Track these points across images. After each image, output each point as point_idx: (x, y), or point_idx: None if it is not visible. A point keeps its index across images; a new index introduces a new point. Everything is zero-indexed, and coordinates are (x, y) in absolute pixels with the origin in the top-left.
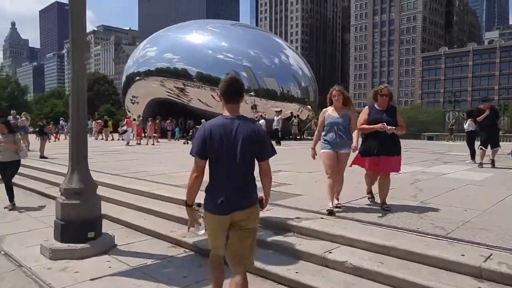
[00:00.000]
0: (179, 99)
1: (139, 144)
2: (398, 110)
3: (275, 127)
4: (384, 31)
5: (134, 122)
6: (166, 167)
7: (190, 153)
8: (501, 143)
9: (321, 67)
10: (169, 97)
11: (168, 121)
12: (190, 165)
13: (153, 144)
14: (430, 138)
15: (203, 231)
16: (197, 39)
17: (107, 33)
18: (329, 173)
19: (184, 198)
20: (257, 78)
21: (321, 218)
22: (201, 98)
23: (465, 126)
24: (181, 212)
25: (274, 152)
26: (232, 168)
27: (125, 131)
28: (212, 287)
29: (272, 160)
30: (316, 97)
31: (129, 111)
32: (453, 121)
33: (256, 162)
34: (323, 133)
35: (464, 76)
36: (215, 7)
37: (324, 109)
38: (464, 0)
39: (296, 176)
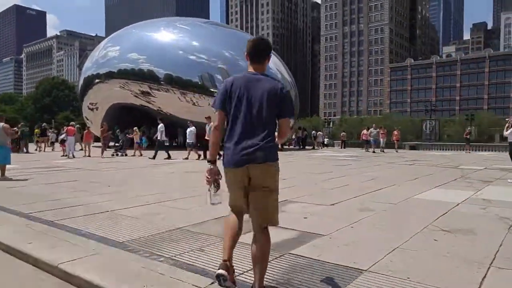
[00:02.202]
0: (145, 104)
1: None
2: (370, 120)
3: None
4: (354, 41)
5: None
6: (116, 196)
7: (212, 105)
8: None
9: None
10: (134, 103)
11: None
12: (152, 190)
13: (89, 156)
14: (412, 148)
15: (217, 201)
16: (166, 37)
17: (71, 38)
18: None
19: None
20: None
21: None
22: (170, 103)
23: (506, 133)
24: None
25: (292, 113)
26: (251, 120)
27: (64, 141)
28: (226, 241)
29: None
30: (297, 103)
31: (87, 119)
32: (469, 129)
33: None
34: None
35: (428, 87)
36: (185, 16)
37: None
38: (425, 15)
39: (317, 211)
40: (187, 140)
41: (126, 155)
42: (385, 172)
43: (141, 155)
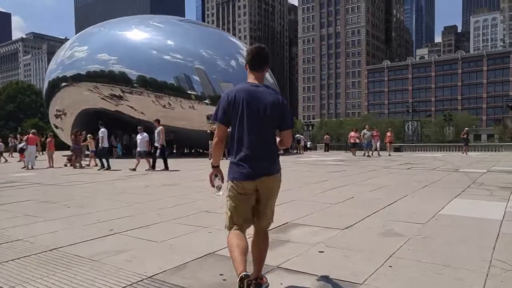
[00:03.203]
0: (118, 109)
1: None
2: (349, 121)
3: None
4: (331, 44)
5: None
6: (71, 223)
7: (213, 119)
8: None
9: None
10: (106, 108)
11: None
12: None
13: (52, 167)
14: (396, 149)
15: (221, 193)
16: (138, 36)
17: (39, 41)
18: None
19: None
20: (212, 83)
21: None
22: (144, 106)
23: None
24: None
25: (292, 125)
26: (257, 135)
27: (23, 150)
28: (236, 255)
29: None
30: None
31: (56, 127)
32: (466, 129)
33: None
34: None
35: (405, 89)
36: None
37: None
38: (400, 17)
39: (332, 240)
40: (138, 149)
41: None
42: (386, 179)
43: (95, 165)
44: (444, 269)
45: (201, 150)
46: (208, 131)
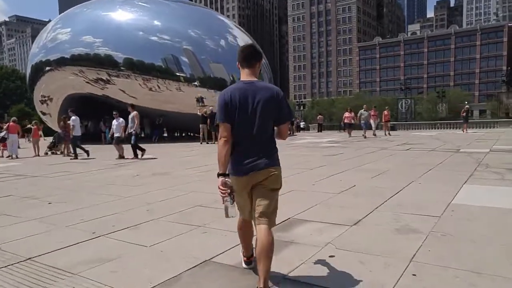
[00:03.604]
0: (104, 93)
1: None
2: (341, 100)
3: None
4: (321, 21)
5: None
6: (51, 223)
7: (217, 120)
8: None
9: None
10: (93, 92)
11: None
12: (105, 208)
13: (37, 155)
14: (391, 128)
15: (234, 214)
16: (124, 17)
17: (22, 24)
18: None
19: None
20: (201, 64)
21: None
22: (131, 90)
23: None
24: None
25: (292, 116)
26: (252, 131)
27: (4, 139)
28: (243, 248)
29: None
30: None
31: (43, 113)
32: (466, 106)
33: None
34: None
35: (397, 66)
36: None
37: None
38: None
39: (342, 239)
40: (115, 134)
41: (61, 152)
42: (386, 162)
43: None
44: (477, 278)
45: (191, 134)
46: (199, 113)
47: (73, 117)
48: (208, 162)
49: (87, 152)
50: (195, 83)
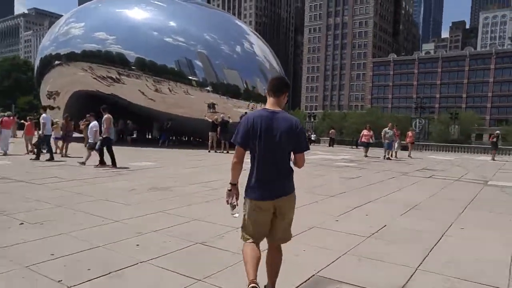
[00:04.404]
0: (113, 92)
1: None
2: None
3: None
4: (337, 34)
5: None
6: (11, 262)
7: (233, 141)
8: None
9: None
10: (101, 90)
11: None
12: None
13: (30, 152)
14: (404, 148)
15: (237, 214)
16: (139, 15)
17: (41, 17)
18: None
19: None
20: (215, 69)
21: None
22: (142, 91)
23: None
24: None
25: (308, 148)
26: (272, 158)
27: None
28: (249, 267)
29: None
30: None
31: (51, 108)
32: (497, 132)
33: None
34: None
35: (410, 84)
36: None
37: None
38: (409, 10)
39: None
40: (89, 140)
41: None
42: (412, 192)
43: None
44: None
45: (200, 139)
46: (209, 119)
47: (44, 115)
48: (216, 176)
49: (37, 157)
50: (208, 88)
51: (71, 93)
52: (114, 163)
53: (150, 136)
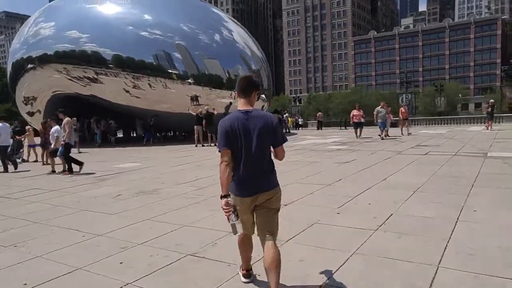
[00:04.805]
0: (92, 93)
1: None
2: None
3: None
4: (316, 15)
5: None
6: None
7: (218, 150)
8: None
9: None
10: (80, 92)
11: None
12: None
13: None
14: (393, 125)
15: (239, 232)
16: (112, 10)
17: (12, 20)
18: None
19: None
20: (194, 60)
21: None
22: (122, 89)
23: None
24: None
25: (285, 140)
26: (251, 156)
27: None
28: (242, 262)
29: None
30: (271, 83)
31: (31, 114)
32: (491, 101)
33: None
34: None
35: (392, 59)
36: None
37: None
38: None
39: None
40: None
41: (23, 159)
42: (411, 173)
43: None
44: None
45: (185, 134)
46: (193, 113)
47: (0, 124)
48: (204, 173)
49: (5, 169)
50: (189, 80)
51: (49, 97)
52: (70, 169)
53: (135, 135)
